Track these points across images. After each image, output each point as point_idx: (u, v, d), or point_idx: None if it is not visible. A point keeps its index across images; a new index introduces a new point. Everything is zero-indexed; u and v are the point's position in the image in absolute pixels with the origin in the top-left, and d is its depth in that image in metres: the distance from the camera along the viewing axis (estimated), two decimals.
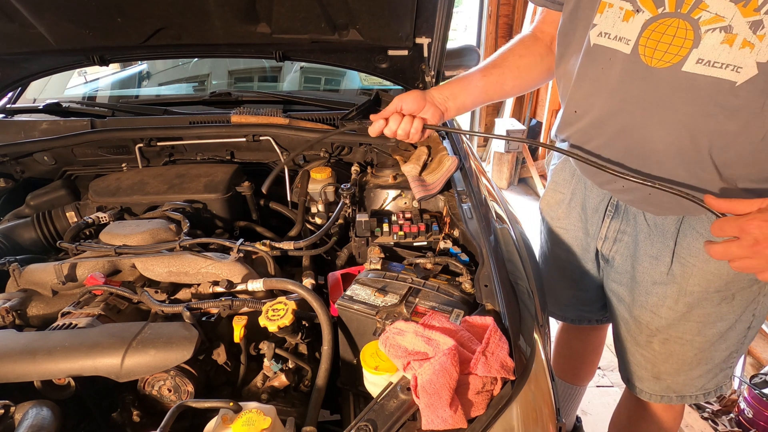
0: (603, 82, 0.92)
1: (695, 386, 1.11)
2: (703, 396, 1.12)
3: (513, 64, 1.14)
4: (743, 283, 0.97)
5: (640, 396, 1.18)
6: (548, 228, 1.30)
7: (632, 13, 0.84)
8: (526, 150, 4.27)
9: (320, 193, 1.37)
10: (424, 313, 0.84)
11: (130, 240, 1.13)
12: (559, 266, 1.32)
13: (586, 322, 1.41)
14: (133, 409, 0.89)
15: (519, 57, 1.15)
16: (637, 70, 0.86)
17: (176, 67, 2.36)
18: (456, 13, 5.05)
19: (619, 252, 1.11)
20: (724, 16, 0.74)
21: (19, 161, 1.49)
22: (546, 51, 1.14)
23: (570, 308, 1.40)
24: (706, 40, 0.77)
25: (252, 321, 0.92)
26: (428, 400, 0.65)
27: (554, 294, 1.39)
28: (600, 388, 2.16)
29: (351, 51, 1.55)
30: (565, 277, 1.32)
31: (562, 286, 1.35)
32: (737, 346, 1.06)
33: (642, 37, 0.83)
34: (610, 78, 0.90)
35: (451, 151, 1.33)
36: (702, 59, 0.78)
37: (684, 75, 0.81)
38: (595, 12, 0.89)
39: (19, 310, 1.03)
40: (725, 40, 0.76)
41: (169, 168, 1.47)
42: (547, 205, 1.29)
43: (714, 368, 1.08)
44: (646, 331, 1.09)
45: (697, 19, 0.77)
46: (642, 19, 0.83)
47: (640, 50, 0.84)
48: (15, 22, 1.32)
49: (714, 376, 1.09)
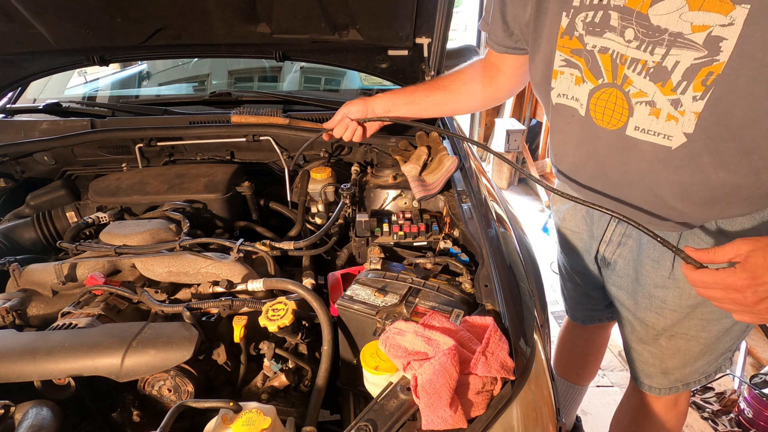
0: (569, 134, 1.00)
1: (698, 373, 1.14)
2: (704, 379, 1.16)
3: (456, 90, 1.22)
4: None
5: (650, 392, 1.19)
6: (557, 227, 1.34)
7: (581, 80, 0.91)
8: (526, 150, 4.27)
9: (320, 193, 1.37)
10: (424, 313, 0.84)
11: (130, 240, 1.13)
12: (566, 266, 1.37)
13: (597, 321, 1.44)
14: (133, 409, 0.89)
15: (463, 83, 1.22)
16: (591, 128, 0.94)
17: (176, 67, 2.35)
18: (456, 13, 5.05)
19: (622, 255, 1.12)
20: (647, 92, 0.82)
21: (19, 161, 1.49)
22: (488, 81, 1.21)
23: (578, 308, 1.44)
24: (637, 111, 0.85)
25: (252, 321, 0.92)
26: (428, 400, 0.65)
27: (565, 294, 1.46)
28: (600, 388, 2.16)
29: (351, 51, 1.55)
30: (572, 278, 1.36)
31: (571, 287, 1.40)
32: (740, 334, 1.08)
33: (590, 102, 0.91)
34: (574, 133, 0.99)
35: (451, 151, 1.33)
36: (638, 126, 0.86)
37: (628, 137, 0.88)
38: (551, 77, 0.97)
39: (19, 310, 1.03)
40: (652, 113, 0.83)
41: (169, 168, 1.47)
42: (554, 204, 1.33)
43: (718, 357, 1.11)
44: (652, 331, 1.11)
45: (627, 92, 0.85)
46: (588, 87, 0.90)
47: (591, 113, 0.92)
48: (15, 22, 1.32)
49: (715, 361, 1.12)
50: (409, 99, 1.23)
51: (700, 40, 0.74)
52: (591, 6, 0.84)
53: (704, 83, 0.76)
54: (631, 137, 0.88)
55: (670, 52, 0.77)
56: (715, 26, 0.72)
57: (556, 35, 0.92)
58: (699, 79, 0.76)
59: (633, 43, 0.81)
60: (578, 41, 0.88)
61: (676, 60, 0.77)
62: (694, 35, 0.74)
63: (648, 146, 0.87)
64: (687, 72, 0.77)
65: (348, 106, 1.24)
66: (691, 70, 0.76)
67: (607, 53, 0.85)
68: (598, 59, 0.87)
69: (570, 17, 0.88)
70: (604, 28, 0.84)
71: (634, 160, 0.90)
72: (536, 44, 0.99)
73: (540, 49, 0.98)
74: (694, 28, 0.74)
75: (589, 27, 0.86)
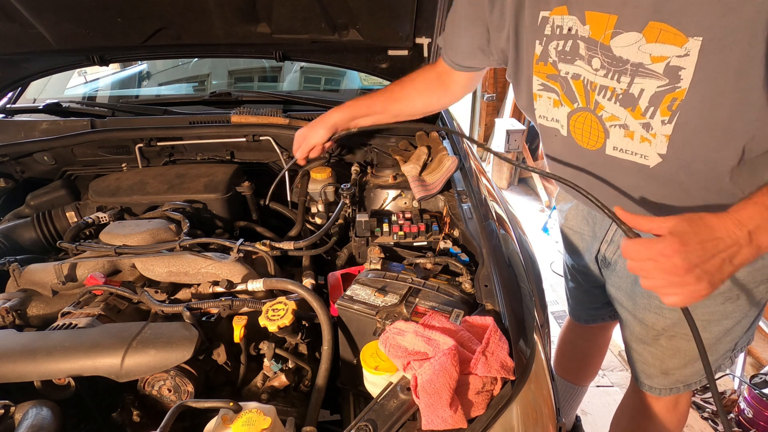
0: (555, 151, 1.04)
1: (699, 373, 1.14)
2: (705, 379, 1.14)
3: (412, 101, 1.27)
4: (749, 285, 0.99)
5: (651, 392, 1.19)
6: (560, 227, 1.35)
7: (559, 103, 0.94)
8: (526, 150, 4.27)
9: (320, 193, 1.37)
10: (424, 313, 0.84)
11: (130, 240, 1.13)
12: (569, 266, 1.39)
13: (599, 320, 1.44)
14: (133, 409, 0.89)
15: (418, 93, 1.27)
16: (574, 148, 0.97)
17: (176, 67, 2.35)
18: None
19: (622, 256, 1.12)
20: (619, 117, 0.85)
21: (19, 161, 1.49)
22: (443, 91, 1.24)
23: (580, 307, 1.45)
24: (612, 133, 0.88)
25: (252, 321, 0.92)
26: (428, 400, 0.65)
27: (568, 293, 1.47)
28: (600, 388, 2.16)
29: (351, 51, 1.55)
30: (574, 277, 1.38)
31: (573, 286, 1.42)
32: (741, 335, 1.08)
33: (570, 124, 0.94)
34: (558, 150, 1.02)
35: (451, 151, 1.33)
36: (616, 147, 0.89)
37: (608, 156, 0.91)
38: (531, 99, 1.00)
39: (19, 310, 1.03)
40: (627, 135, 0.86)
41: (169, 168, 1.47)
42: (558, 203, 1.34)
43: (719, 358, 1.11)
44: (652, 331, 1.11)
45: (600, 116, 0.88)
46: (566, 110, 0.93)
47: (572, 134, 0.95)
48: (15, 22, 1.32)
49: (715, 361, 1.12)
50: (367, 110, 1.28)
51: (660, 70, 0.77)
52: (561, 36, 0.88)
53: (670, 108, 0.79)
54: (611, 156, 0.90)
55: (635, 80, 0.81)
56: (672, 57, 0.75)
57: (532, 61, 0.95)
58: (665, 105, 0.79)
59: (600, 71, 0.84)
60: (552, 67, 0.92)
61: (641, 88, 0.80)
62: (654, 65, 0.77)
63: (629, 164, 0.89)
64: (652, 98, 0.80)
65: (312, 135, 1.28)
66: (656, 96, 0.79)
67: (579, 79, 0.88)
68: (572, 85, 0.90)
69: (543, 45, 0.92)
70: (574, 56, 0.87)
71: (618, 175, 0.93)
72: (518, 69, 1.02)
73: (522, 74, 1.01)
74: (653, 58, 0.77)
75: (560, 54, 0.89)
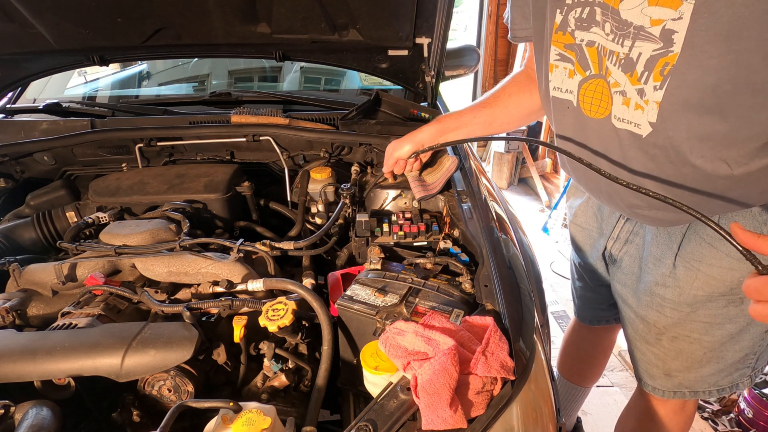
0: (565, 125, 1.03)
1: (708, 383, 1.11)
2: (717, 392, 1.12)
3: (503, 103, 1.21)
4: None
5: (654, 393, 1.19)
6: (568, 224, 1.35)
7: (573, 72, 0.96)
8: (526, 150, 4.27)
9: (320, 193, 1.37)
10: (424, 313, 0.84)
11: (130, 240, 1.13)
12: (576, 264, 1.39)
13: (604, 322, 1.44)
14: (133, 409, 0.89)
15: (509, 96, 1.21)
16: (582, 119, 0.97)
17: (176, 67, 2.35)
18: (456, 13, 5.05)
19: (628, 253, 1.13)
20: (620, 83, 0.87)
21: (19, 161, 1.49)
22: (535, 89, 1.18)
23: (586, 307, 1.44)
24: (614, 100, 0.90)
25: (252, 321, 0.92)
26: (428, 400, 0.65)
27: (574, 293, 1.47)
28: (600, 388, 2.16)
29: (351, 51, 1.55)
30: (581, 276, 1.38)
31: (580, 285, 1.42)
32: (753, 348, 1.06)
33: (580, 93, 0.95)
34: (568, 124, 1.02)
35: (451, 151, 1.33)
36: (616, 115, 0.90)
37: (612, 126, 0.92)
38: (548, 71, 1.01)
39: (19, 310, 1.03)
40: (624, 102, 0.88)
41: (169, 168, 1.47)
42: (568, 200, 1.34)
43: (727, 367, 1.08)
44: (654, 330, 1.11)
45: (609, 82, 0.90)
46: (578, 79, 0.95)
47: (581, 104, 0.96)
48: (15, 22, 1.32)
49: (728, 375, 1.09)
50: (456, 124, 1.20)
51: (657, 33, 0.79)
52: (579, 3, 0.90)
53: (662, 73, 0.81)
54: (614, 126, 0.92)
55: (635, 44, 0.83)
56: (668, 20, 0.77)
57: (551, 31, 0.96)
58: (657, 69, 0.81)
59: (610, 36, 0.86)
60: (570, 36, 0.93)
61: (639, 51, 0.82)
62: (653, 28, 0.79)
63: (625, 134, 0.90)
64: (648, 62, 0.82)
65: (397, 149, 1.19)
66: (651, 60, 0.81)
67: (594, 46, 0.90)
68: (586, 52, 0.92)
69: (563, 14, 0.93)
70: (590, 23, 0.89)
71: (617, 148, 0.94)
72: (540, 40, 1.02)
73: (543, 45, 1.01)
74: (652, 21, 0.79)
75: (578, 22, 0.91)
